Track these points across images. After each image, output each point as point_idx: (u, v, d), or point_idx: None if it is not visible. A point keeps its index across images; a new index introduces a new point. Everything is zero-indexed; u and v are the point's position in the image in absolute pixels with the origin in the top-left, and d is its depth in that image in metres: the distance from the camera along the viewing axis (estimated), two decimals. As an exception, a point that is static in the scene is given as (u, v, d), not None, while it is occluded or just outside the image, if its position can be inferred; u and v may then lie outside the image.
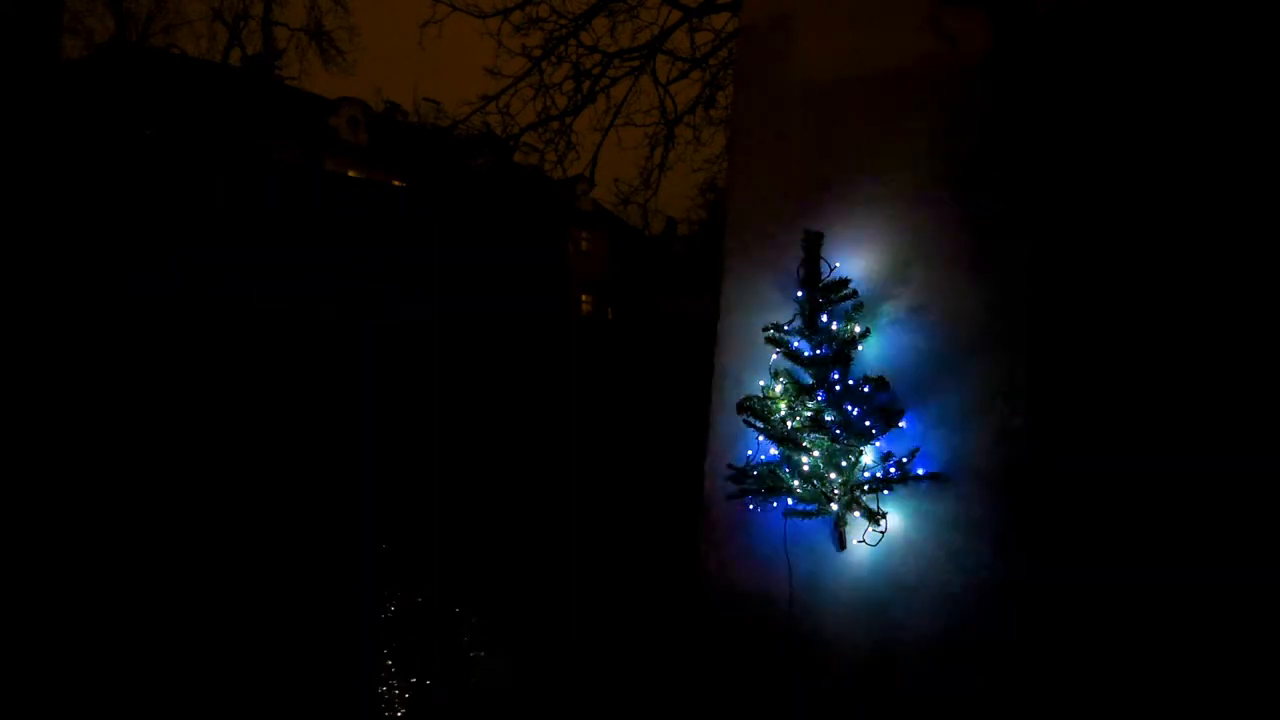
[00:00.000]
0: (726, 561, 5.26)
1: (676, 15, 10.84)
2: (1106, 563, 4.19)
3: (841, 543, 4.65)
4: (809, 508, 4.64)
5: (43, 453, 11.80)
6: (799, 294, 4.74)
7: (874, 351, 4.73)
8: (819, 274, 4.72)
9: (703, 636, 5.39)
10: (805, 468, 4.61)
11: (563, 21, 10.68)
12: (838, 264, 4.76)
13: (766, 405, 4.72)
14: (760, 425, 4.75)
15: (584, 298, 35.29)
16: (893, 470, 4.51)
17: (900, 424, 4.59)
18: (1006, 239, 4.56)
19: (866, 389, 4.55)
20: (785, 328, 4.75)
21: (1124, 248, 4.37)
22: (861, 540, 4.61)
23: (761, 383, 4.83)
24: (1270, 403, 4.07)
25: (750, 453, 4.91)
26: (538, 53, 10.78)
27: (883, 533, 4.55)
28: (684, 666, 5.53)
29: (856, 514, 4.58)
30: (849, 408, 4.51)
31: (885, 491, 4.54)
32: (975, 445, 4.51)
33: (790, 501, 4.68)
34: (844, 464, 4.55)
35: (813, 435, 4.56)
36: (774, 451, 4.77)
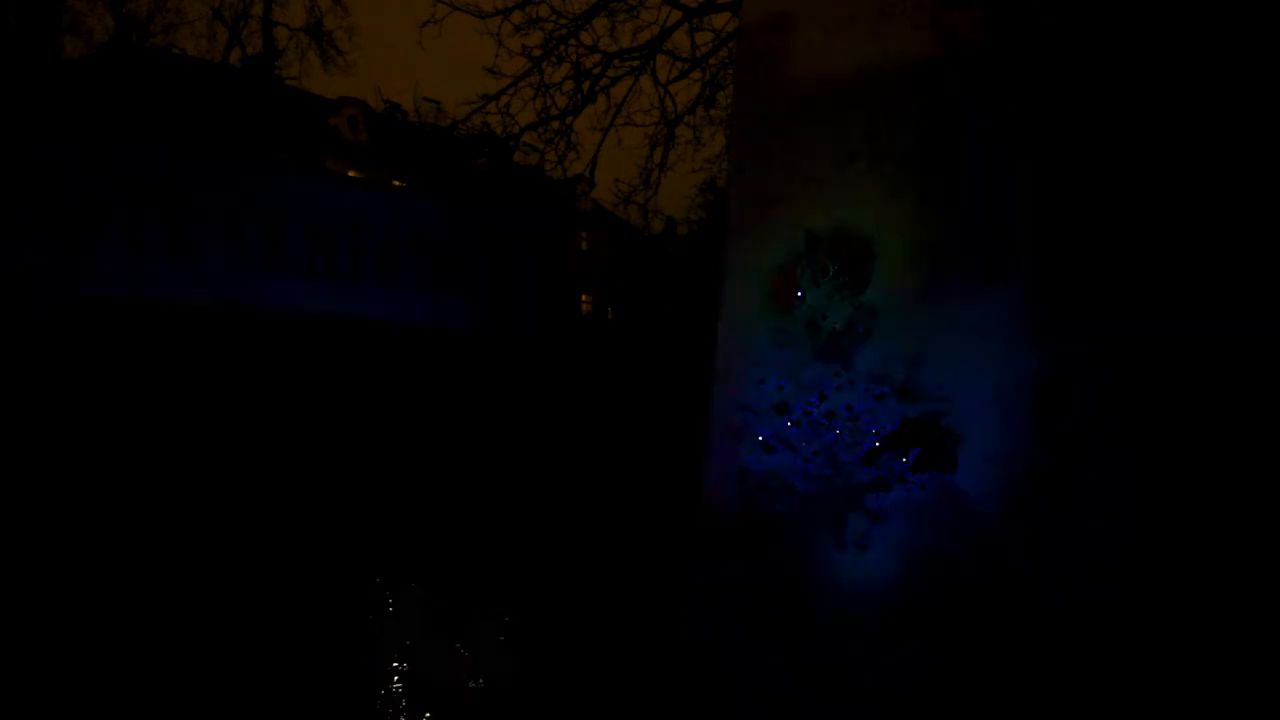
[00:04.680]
0: (727, 560, 5.25)
1: (676, 15, 10.85)
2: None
3: (842, 542, 4.65)
4: (809, 507, 4.63)
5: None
6: (799, 294, 4.74)
7: (874, 352, 4.73)
8: (819, 274, 4.72)
9: (701, 632, 5.39)
10: (810, 466, 4.60)
11: (563, 21, 10.68)
12: (837, 264, 4.76)
13: (767, 405, 4.71)
14: (761, 425, 4.75)
15: (584, 298, 35.28)
16: (893, 470, 4.51)
17: (900, 424, 4.59)
18: (1007, 238, 4.56)
19: (867, 389, 4.55)
20: (785, 328, 4.75)
21: (1123, 247, 4.37)
22: (861, 540, 4.61)
23: (762, 383, 4.82)
24: None
25: (750, 452, 4.90)
26: (538, 53, 10.79)
27: (883, 533, 4.55)
28: (684, 662, 5.52)
29: (857, 513, 4.58)
30: (849, 408, 4.51)
31: (885, 491, 4.54)
32: (975, 445, 4.51)
33: (791, 501, 4.68)
34: (844, 464, 4.55)
35: (813, 435, 4.56)
36: (774, 451, 4.77)
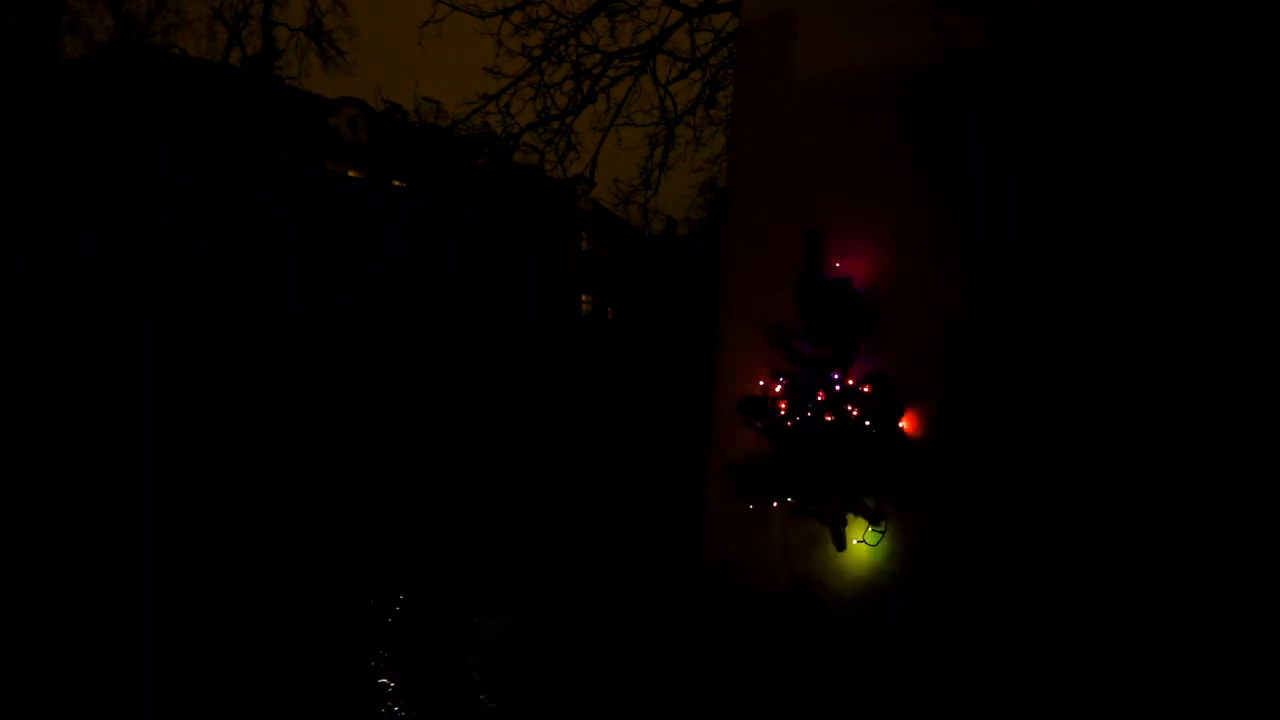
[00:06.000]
0: (727, 559, 5.26)
1: (676, 15, 10.83)
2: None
3: (841, 541, 4.64)
4: (809, 507, 4.63)
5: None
6: (799, 294, 4.74)
7: (874, 351, 4.73)
8: (819, 274, 4.72)
9: (701, 628, 5.39)
10: (805, 467, 4.60)
11: (563, 21, 10.66)
12: (837, 264, 4.76)
13: (767, 405, 4.71)
14: (761, 425, 4.75)
15: (584, 298, 35.28)
16: (893, 470, 4.51)
17: (900, 424, 4.59)
18: (1006, 237, 4.56)
19: (867, 389, 4.55)
20: (786, 327, 4.75)
21: (1120, 250, 4.37)
22: (861, 540, 4.61)
23: (762, 382, 4.82)
24: None
25: (751, 452, 4.90)
26: (538, 53, 10.76)
27: (883, 532, 4.55)
28: (683, 660, 5.53)
29: (856, 513, 4.58)
30: (849, 408, 4.51)
31: (885, 492, 4.54)
32: (975, 444, 4.51)
33: (790, 501, 4.68)
34: (844, 460, 4.54)
35: (813, 435, 4.56)
36: (774, 451, 4.77)
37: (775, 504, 4.77)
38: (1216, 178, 4.25)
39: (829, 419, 4.52)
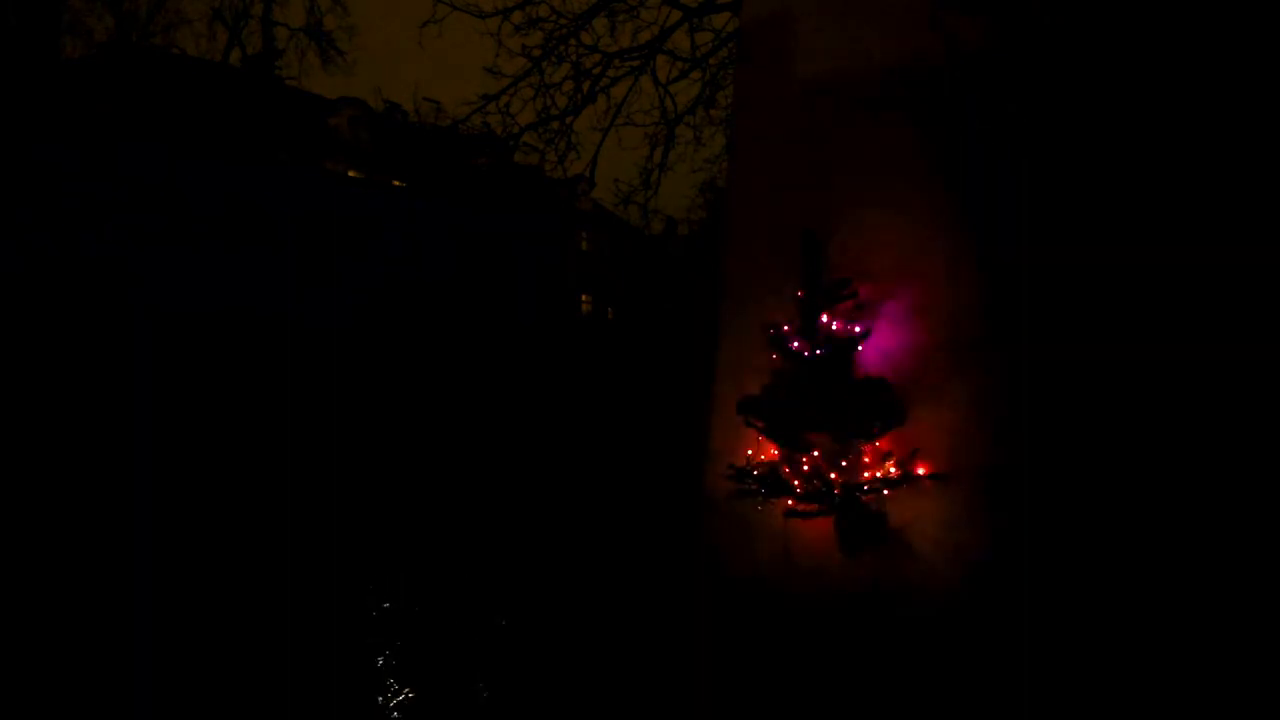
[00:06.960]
0: (728, 560, 5.26)
1: (676, 15, 10.82)
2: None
3: (843, 542, 4.65)
4: (810, 508, 4.63)
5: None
6: (799, 294, 4.74)
7: (875, 351, 4.73)
8: (818, 274, 4.72)
9: (701, 632, 5.39)
10: (806, 468, 4.60)
11: (563, 21, 10.66)
12: (837, 264, 4.76)
13: (767, 405, 4.71)
14: (761, 425, 4.75)
15: (584, 298, 35.31)
16: (894, 470, 4.51)
17: (901, 424, 4.60)
18: (1006, 236, 4.57)
19: (867, 389, 4.55)
20: (785, 328, 4.75)
21: (1120, 248, 4.37)
22: (864, 540, 4.61)
23: (762, 382, 4.83)
24: None
25: (750, 452, 4.91)
26: (538, 53, 10.76)
27: (885, 533, 4.55)
28: (681, 663, 5.53)
29: (858, 514, 4.58)
30: (849, 408, 4.51)
31: (886, 492, 4.54)
32: (976, 445, 4.51)
33: (791, 502, 4.68)
34: (844, 464, 4.55)
35: (813, 435, 4.56)
36: (774, 451, 4.77)
37: (775, 504, 4.77)
38: (1218, 177, 4.25)
39: (829, 419, 4.51)
